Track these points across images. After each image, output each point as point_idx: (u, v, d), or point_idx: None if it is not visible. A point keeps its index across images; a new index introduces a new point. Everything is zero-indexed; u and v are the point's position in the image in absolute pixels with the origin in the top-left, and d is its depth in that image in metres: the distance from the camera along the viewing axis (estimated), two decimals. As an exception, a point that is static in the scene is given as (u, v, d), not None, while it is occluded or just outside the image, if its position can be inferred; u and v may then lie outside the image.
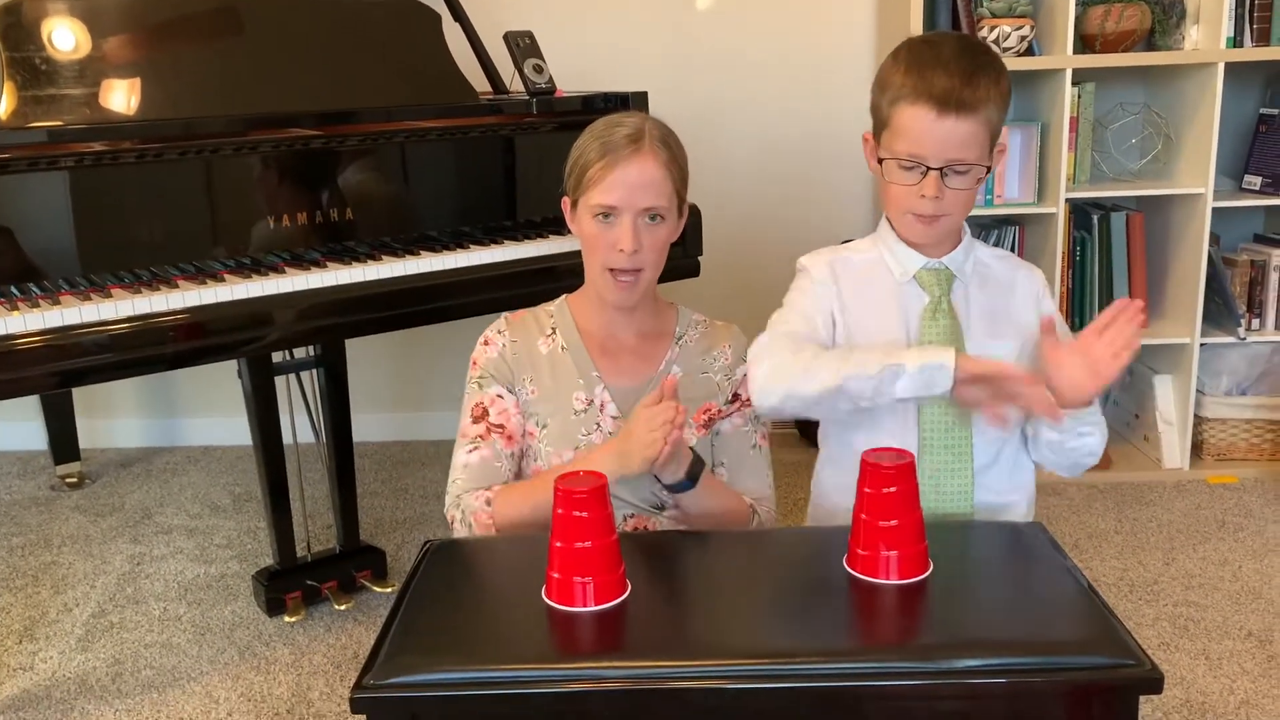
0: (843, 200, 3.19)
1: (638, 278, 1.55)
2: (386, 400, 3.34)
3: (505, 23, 2.56)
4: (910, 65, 1.43)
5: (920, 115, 1.40)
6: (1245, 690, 1.99)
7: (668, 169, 1.54)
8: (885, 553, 1.24)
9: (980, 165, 1.44)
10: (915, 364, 1.38)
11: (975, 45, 1.50)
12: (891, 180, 1.47)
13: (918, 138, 1.41)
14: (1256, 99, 2.97)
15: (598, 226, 1.54)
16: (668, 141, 1.56)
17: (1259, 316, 2.91)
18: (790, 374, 1.44)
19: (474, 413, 1.61)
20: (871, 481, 1.24)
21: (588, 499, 1.20)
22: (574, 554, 1.21)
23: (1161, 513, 2.73)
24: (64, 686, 2.10)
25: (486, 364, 1.62)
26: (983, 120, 1.41)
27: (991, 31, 2.71)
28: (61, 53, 2.02)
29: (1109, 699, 1.12)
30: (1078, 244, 2.91)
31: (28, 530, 2.79)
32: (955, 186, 1.43)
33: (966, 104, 1.39)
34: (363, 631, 2.26)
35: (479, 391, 1.61)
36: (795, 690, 1.10)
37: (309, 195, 2.12)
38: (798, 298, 1.57)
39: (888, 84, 1.45)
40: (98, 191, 1.93)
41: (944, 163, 1.41)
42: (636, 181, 1.51)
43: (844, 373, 1.40)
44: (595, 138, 1.54)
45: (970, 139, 1.41)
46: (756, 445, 1.64)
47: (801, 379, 1.43)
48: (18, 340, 1.77)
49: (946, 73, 1.39)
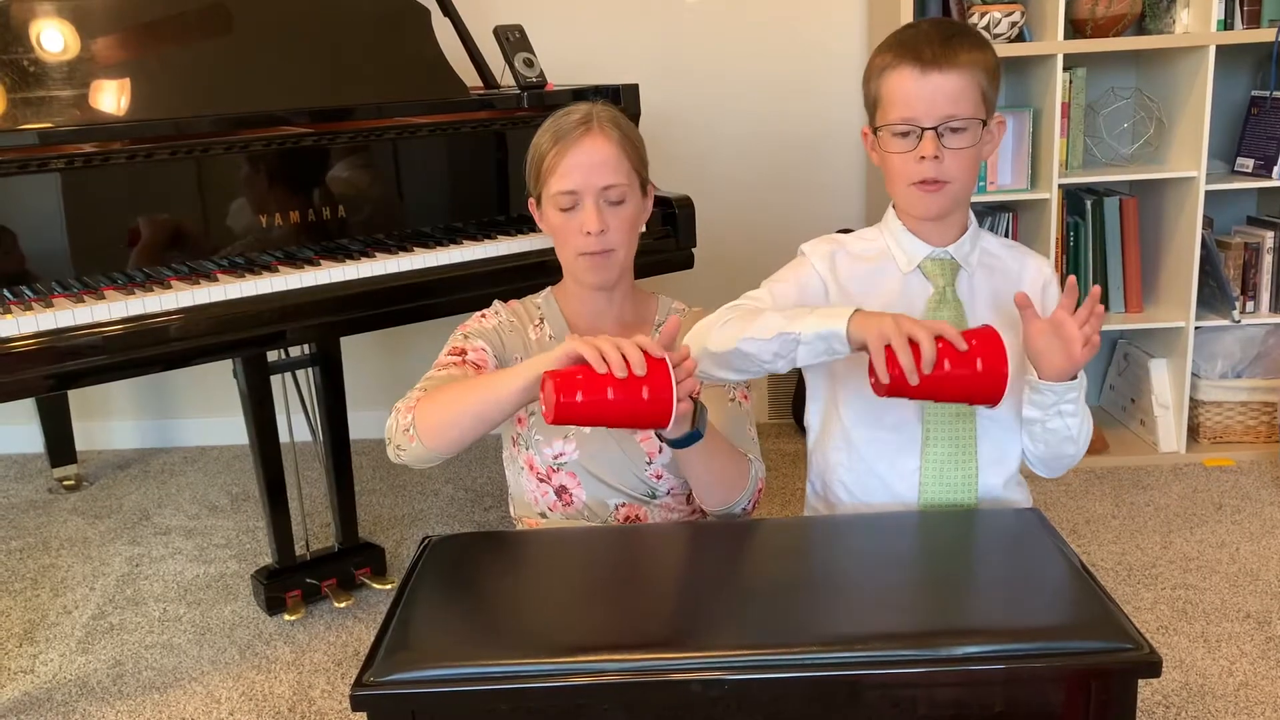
0: (836, 191, 3.19)
1: (609, 256, 1.57)
2: (383, 397, 3.33)
3: (495, 17, 2.56)
4: (892, 43, 1.47)
5: (905, 76, 1.43)
6: (1244, 672, 2.00)
7: (621, 147, 1.56)
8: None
9: (975, 120, 1.44)
10: (811, 331, 1.37)
11: (953, 21, 1.52)
12: (890, 150, 1.47)
13: (906, 99, 1.43)
14: (1248, 81, 2.97)
15: (562, 217, 1.57)
16: (617, 122, 1.58)
17: (1253, 299, 2.91)
18: (704, 331, 1.47)
19: (451, 351, 1.59)
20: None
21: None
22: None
23: (1158, 496, 2.74)
24: (65, 689, 2.10)
25: (479, 329, 1.63)
26: (969, 77, 1.43)
27: (982, 18, 2.71)
28: (50, 54, 2.01)
29: (1108, 683, 1.12)
30: (1071, 230, 2.91)
31: (26, 533, 2.79)
32: (953, 146, 1.43)
33: (948, 59, 1.42)
34: (363, 629, 2.26)
35: (463, 341, 1.61)
36: (794, 680, 1.10)
37: (301, 193, 2.11)
38: (782, 276, 1.57)
39: (873, 67, 1.49)
40: (89, 193, 1.92)
41: (937, 120, 1.42)
42: (590, 161, 1.54)
43: (744, 335, 1.41)
44: (546, 130, 1.58)
45: (959, 94, 1.42)
46: (736, 400, 1.62)
47: (714, 335, 1.45)
48: (12, 343, 1.77)
49: (926, 38, 1.44)
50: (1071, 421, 1.46)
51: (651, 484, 1.60)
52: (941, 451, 1.51)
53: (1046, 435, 1.48)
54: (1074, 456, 1.52)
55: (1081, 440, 1.49)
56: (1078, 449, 1.50)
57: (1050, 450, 1.51)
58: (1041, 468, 1.56)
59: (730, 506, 1.54)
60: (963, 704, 1.14)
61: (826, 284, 1.54)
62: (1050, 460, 1.53)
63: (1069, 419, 1.46)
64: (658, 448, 1.59)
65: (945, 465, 1.51)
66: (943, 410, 1.49)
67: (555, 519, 1.63)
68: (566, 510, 1.62)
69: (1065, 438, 1.48)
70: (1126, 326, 2.95)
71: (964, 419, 1.50)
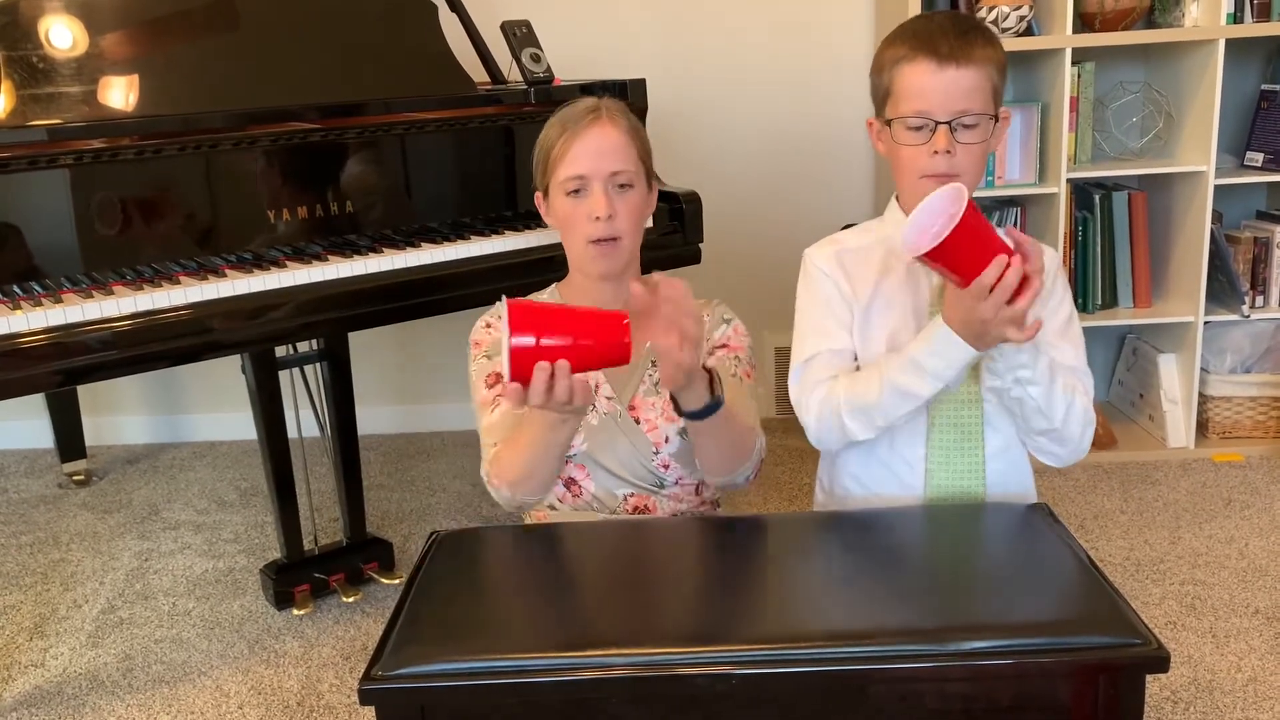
0: (844, 185, 3.18)
1: (617, 244, 1.57)
2: (391, 393, 3.35)
3: (502, 12, 2.56)
4: (905, 34, 1.47)
5: (922, 70, 1.43)
6: (1253, 668, 1.99)
7: (629, 136, 1.59)
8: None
9: (987, 115, 1.44)
10: (951, 374, 1.41)
11: (965, 15, 1.53)
12: (901, 143, 1.47)
13: (922, 92, 1.43)
14: (1257, 75, 2.95)
15: (570, 204, 1.58)
16: (625, 113, 1.61)
17: (1263, 294, 2.90)
18: (837, 425, 1.51)
19: (487, 381, 1.62)
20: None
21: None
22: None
23: (1167, 492, 2.73)
24: (75, 683, 2.11)
25: (492, 342, 1.64)
26: (984, 73, 1.43)
27: (990, 12, 2.70)
28: (59, 50, 2.02)
29: (1116, 678, 1.12)
30: (1080, 224, 2.90)
31: (36, 528, 2.80)
32: (965, 141, 1.43)
33: (964, 54, 1.42)
34: (371, 623, 2.27)
35: (489, 363, 1.63)
36: (802, 675, 1.11)
37: (309, 189, 2.12)
38: (810, 309, 1.57)
39: (885, 59, 1.49)
40: (98, 189, 1.93)
41: (951, 114, 1.42)
42: (599, 148, 1.55)
43: (883, 415, 1.46)
44: (554, 122, 1.60)
45: (974, 89, 1.43)
46: (738, 376, 1.61)
47: (850, 428, 1.49)
48: (21, 339, 1.77)
49: (942, 31, 1.44)
50: (1034, 390, 1.43)
51: (659, 474, 1.61)
52: (947, 438, 1.51)
53: (1014, 405, 1.47)
54: (1059, 437, 1.48)
55: (1056, 416, 1.46)
56: (1050, 424, 1.47)
57: (1026, 425, 1.49)
58: (1041, 454, 1.54)
59: (734, 477, 1.55)
60: (971, 699, 1.14)
61: (839, 286, 1.55)
62: (1035, 438, 1.51)
63: (1030, 388, 1.43)
64: (664, 437, 1.59)
65: (951, 452, 1.51)
66: (948, 396, 1.49)
67: (564, 510, 1.64)
68: (575, 501, 1.63)
69: (1034, 409, 1.45)
70: (1135, 321, 2.94)
71: (969, 405, 1.50)
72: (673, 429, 1.60)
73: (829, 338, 1.54)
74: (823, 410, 1.50)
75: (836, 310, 1.55)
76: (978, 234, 1.30)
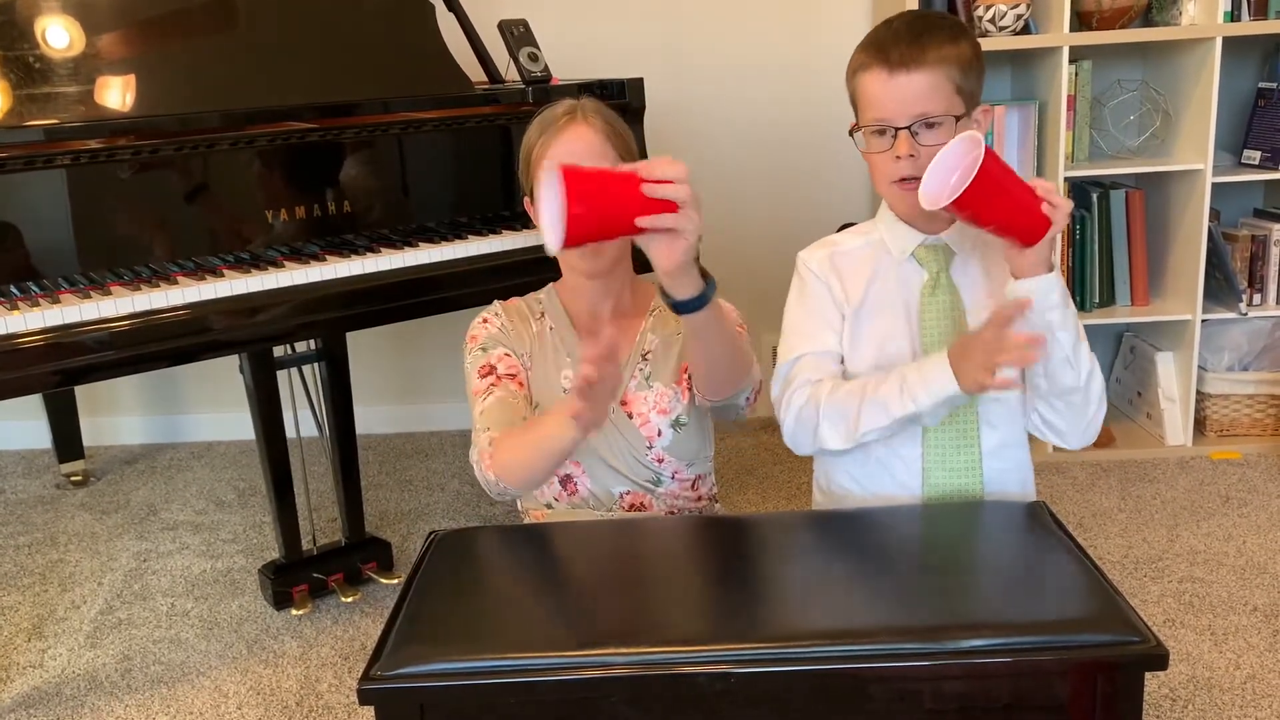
0: (839, 187, 3.18)
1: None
2: (389, 392, 3.35)
3: (499, 11, 2.56)
4: (866, 42, 1.49)
5: (875, 79, 1.45)
6: (1251, 665, 2.00)
7: (607, 136, 1.58)
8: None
9: (949, 116, 1.44)
10: (931, 402, 1.41)
11: (929, 14, 1.54)
12: (869, 151, 1.49)
13: (877, 100, 1.45)
14: (1254, 73, 2.96)
15: None
16: (601, 113, 1.61)
17: (1260, 291, 2.90)
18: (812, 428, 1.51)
19: (481, 371, 1.62)
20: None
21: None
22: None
23: (1165, 489, 2.73)
24: (74, 683, 2.11)
25: (488, 336, 1.65)
26: (940, 73, 1.42)
27: (987, 10, 2.70)
28: (56, 50, 2.02)
29: (1114, 676, 1.12)
30: (1077, 222, 2.90)
31: (34, 529, 2.80)
32: (930, 142, 1.43)
33: (915, 59, 1.42)
34: (370, 623, 2.27)
35: (483, 355, 1.63)
36: (801, 674, 1.11)
37: (306, 189, 2.12)
38: (799, 311, 1.58)
39: (850, 67, 1.51)
40: (95, 189, 1.92)
41: (910, 118, 1.43)
42: (574, 149, 1.55)
43: (858, 431, 1.46)
44: (534, 125, 1.61)
45: (929, 91, 1.42)
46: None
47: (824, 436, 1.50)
48: (19, 339, 1.77)
49: (895, 37, 1.44)
50: (1064, 336, 1.41)
51: (654, 468, 1.61)
52: (944, 436, 1.51)
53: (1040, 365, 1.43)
54: (1082, 400, 1.46)
55: (1083, 370, 1.44)
56: (1077, 380, 1.44)
57: (1053, 384, 1.45)
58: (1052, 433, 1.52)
59: (735, 397, 1.55)
60: (969, 697, 1.14)
61: (831, 289, 1.55)
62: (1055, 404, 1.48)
63: (1060, 333, 1.40)
64: (656, 431, 1.60)
65: (948, 450, 1.51)
66: None
67: (561, 509, 1.64)
68: (572, 499, 1.63)
69: (1062, 360, 1.42)
70: (1133, 319, 2.95)
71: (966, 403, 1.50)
72: (665, 422, 1.60)
73: (816, 340, 1.54)
74: (802, 412, 1.51)
75: (826, 313, 1.55)
76: (999, 181, 1.31)
